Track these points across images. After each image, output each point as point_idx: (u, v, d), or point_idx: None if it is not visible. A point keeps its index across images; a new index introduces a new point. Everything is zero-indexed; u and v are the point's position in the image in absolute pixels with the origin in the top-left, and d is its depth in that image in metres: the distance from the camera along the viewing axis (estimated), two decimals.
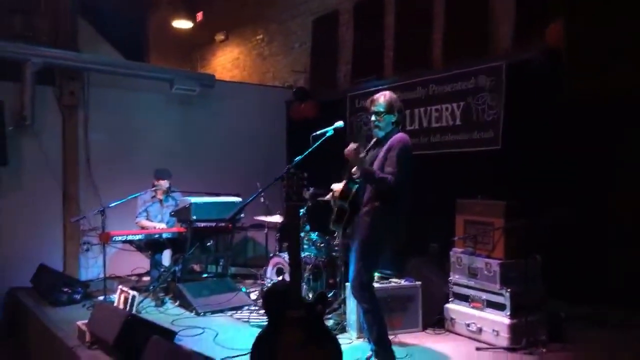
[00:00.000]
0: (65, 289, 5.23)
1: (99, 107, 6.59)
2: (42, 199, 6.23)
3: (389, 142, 3.39)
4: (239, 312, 4.93)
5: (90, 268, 6.56)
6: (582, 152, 4.43)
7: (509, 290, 3.80)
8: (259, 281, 5.71)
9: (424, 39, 6.35)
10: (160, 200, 5.77)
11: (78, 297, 5.29)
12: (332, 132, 3.46)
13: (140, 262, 6.31)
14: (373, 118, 3.55)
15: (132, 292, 4.05)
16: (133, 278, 6.32)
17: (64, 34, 6.45)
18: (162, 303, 5.08)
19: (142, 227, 5.59)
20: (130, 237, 5.11)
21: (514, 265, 3.87)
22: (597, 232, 4.29)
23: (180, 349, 2.79)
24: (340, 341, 2.74)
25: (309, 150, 3.37)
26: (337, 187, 3.49)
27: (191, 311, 4.83)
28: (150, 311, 4.83)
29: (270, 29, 9.33)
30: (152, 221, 5.70)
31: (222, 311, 4.90)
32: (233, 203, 5.31)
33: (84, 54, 6.38)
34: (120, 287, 4.30)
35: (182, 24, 10.19)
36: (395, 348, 3.35)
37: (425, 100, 6.11)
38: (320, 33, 8.09)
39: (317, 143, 3.41)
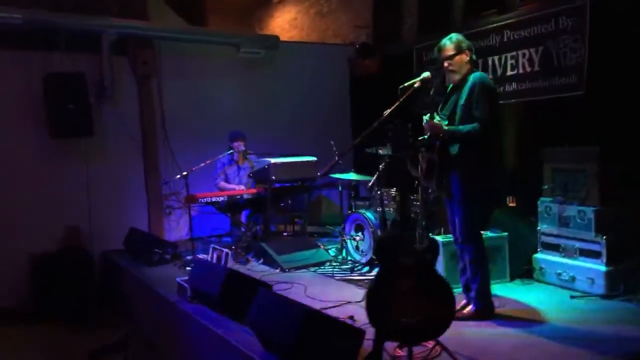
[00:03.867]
0: (157, 250, 5.52)
1: (170, 74, 6.76)
2: (125, 166, 6.52)
3: (469, 85, 3.30)
4: (321, 267, 5.07)
5: (173, 231, 6.89)
6: None
7: (604, 237, 3.70)
8: (337, 238, 5.84)
9: None
10: (238, 163, 5.92)
11: (169, 257, 5.58)
12: (420, 83, 3.39)
13: (218, 224, 6.58)
14: (446, 64, 3.45)
15: (225, 250, 4.23)
16: (212, 239, 6.61)
17: (134, 4, 6.59)
18: (247, 261, 5.29)
19: (221, 190, 5.77)
20: (214, 199, 5.31)
21: (610, 212, 3.75)
22: None
23: (289, 300, 2.91)
24: None
25: (399, 102, 3.33)
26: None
27: (276, 268, 5.01)
28: (237, 269, 5.04)
29: None
30: (230, 183, 5.88)
31: (305, 267, 5.06)
32: (310, 162, 5.39)
33: (154, 23, 6.52)
34: (212, 245, 4.50)
35: None
36: None
37: (500, 48, 5.88)
38: None
39: (406, 95, 3.36)
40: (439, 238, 4.17)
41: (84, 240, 6.18)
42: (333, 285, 4.44)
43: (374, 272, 4.75)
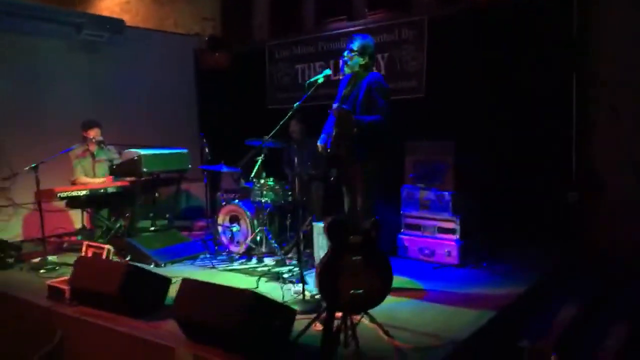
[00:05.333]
0: None
1: (6, 53, 5.91)
2: None
3: (366, 82, 3.65)
4: (197, 261, 5.02)
5: (1, 231, 6.05)
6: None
7: (459, 217, 4.45)
8: (201, 232, 5.81)
9: None
10: (92, 154, 5.48)
11: (11, 260, 4.93)
12: (322, 79, 3.65)
13: (59, 223, 5.99)
14: (345, 53, 3.78)
15: (106, 246, 3.94)
16: (52, 239, 5.98)
17: None
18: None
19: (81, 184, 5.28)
20: (74, 193, 4.84)
21: (462, 196, 4.52)
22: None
23: (223, 287, 2.94)
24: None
25: (306, 95, 3.54)
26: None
27: (149, 263, 4.78)
28: None
29: None
30: (84, 177, 5.41)
31: (180, 261, 4.96)
32: (181, 154, 5.27)
33: None
34: (86, 242, 4.14)
35: None
36: None
37: None
38: None
39: (311, 90, 3.58)
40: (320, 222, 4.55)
41: None
42: (220, 276, 4.45)
43: (253, 262, 4.92)
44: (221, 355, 2.70)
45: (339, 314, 2.67)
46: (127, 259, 4.76)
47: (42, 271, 4.67)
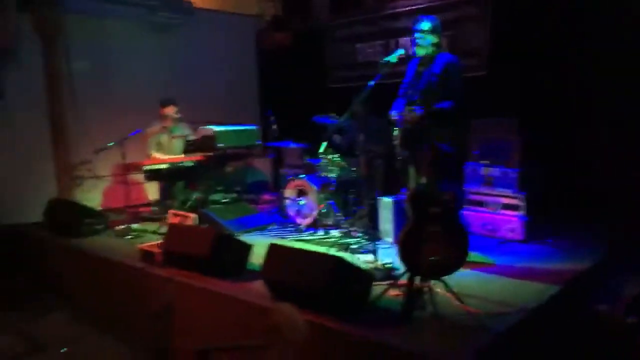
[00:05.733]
0: (88, 220, 5.29)
1: (80, 35, 6.34)
2: (31, 134, 6.05)
3: (440, 62, 3.77)
4: (266, 231, 5.33)
5: (84, 202, 6.55)
6: None
7: (524, 193, 4.55)
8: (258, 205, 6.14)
9: None
10: (169, 130, 5.84)
11: (100, 227, 5.39)
12: (396, 59, 3.81)
13: (134, 195, 6.42)
14: (416, 36, 3.88)
15: (191, 214, 4.29)
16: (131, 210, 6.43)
17: None
18: None
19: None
20: (157, 167, 5.23)
21: (527, 173, 4.61)
22: None
23: (310, 251, 3.20)
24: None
25: (380, 74, 3.71)
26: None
27: None
28: None
29: None
30: (162, 152, 5.79)
31: (251, 231, 5.28)
32: (251, 130, 5.56)
33: None
34: (171, 211, 4.50)
35: None
36: None
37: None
38: None
39: (385, 69, 3.74)
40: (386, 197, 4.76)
41: None
42: (291, 245, 4.73)
43: (320, 233, 5.18)
44: (308, 314, 2.96)
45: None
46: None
47: (127, 237, 5.10)
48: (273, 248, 3.28)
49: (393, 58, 3.80)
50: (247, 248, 3.95)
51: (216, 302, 3.48)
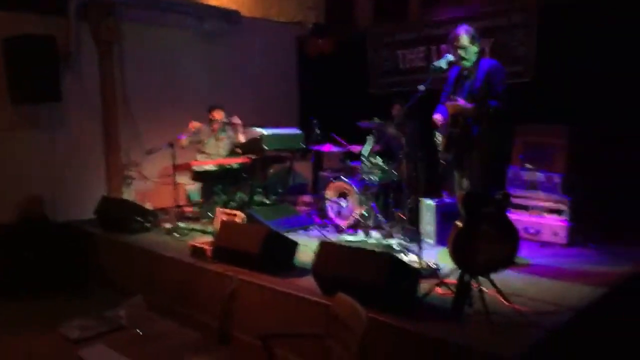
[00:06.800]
0: (138, 218, 5.53)
1: (133, 43, 6.64)
2: (84, 134, 6.35)
3: (483, 69, 3.82)
4: (307, 231, 5.46)
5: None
6: None
7: (569, 198, 4.55)
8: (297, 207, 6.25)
9: None
10: (216, 133, 6.05)
11: (149, 225, 5.61)
12: (446, 65, 3.88)
13: (175, 195, 6.64)
14: (460, 52, 3.94)
15: (239, 213, 4.45)
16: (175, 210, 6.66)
17: None
18: None
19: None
20: (206, 168, 5.43)
21: (572, 178, 4.61)
22: None
23: (361, 249, 3.31)
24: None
25: (430, 79, 3.77)
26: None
27: None
28: None
29: None
30: (208, 154, 5.99)
31: (293, 231, 5.41)
32: (296, 134, 5.71)
33: None
34: (219, 209, 4.68)
35: None
36: None
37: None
38: None
39: (435, 75, 3.82)
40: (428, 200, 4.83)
41: (45, 211, 5.96)
42: None
43: (360, 234, 5.27)
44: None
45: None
46: None
47: (176, 235, 5.30)
48: (324, 245, 3.40)
49: (443, 64, 3.86)
50: (294, 246, 4.08)
51: (270, 296, 3.60)
